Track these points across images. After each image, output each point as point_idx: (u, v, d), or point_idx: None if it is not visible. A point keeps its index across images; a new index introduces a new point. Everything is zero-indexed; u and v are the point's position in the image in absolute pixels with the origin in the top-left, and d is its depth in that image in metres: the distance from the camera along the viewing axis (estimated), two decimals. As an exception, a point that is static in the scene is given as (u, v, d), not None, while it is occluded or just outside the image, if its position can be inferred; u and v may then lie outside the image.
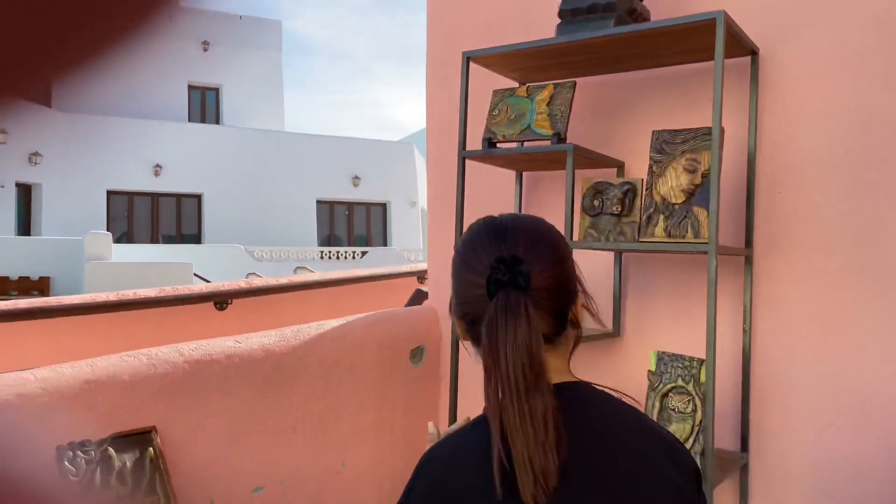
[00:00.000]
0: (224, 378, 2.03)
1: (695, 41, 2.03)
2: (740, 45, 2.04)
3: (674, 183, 1.98)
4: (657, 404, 1.99)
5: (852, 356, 1.99)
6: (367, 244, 20.79)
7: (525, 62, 2.29)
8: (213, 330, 3.51)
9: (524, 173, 2.58)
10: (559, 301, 0.90)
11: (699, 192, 1.94)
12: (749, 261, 2.14)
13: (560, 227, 2.42)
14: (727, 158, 2.13)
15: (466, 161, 2.35)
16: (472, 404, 2.58)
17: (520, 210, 2.55)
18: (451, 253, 2.19)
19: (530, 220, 0.96)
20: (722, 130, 1.88)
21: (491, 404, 0.84)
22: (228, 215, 17.80)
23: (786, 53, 2.10)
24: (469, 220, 2.49)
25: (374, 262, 15.78)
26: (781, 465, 2.09)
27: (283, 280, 4.53)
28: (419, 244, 21.55)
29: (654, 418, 1.97)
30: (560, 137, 2.10)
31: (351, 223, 21.30)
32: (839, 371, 2.01)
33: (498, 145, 2.26)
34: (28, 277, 12.49)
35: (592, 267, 2.41)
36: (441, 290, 2.81)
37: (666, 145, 2.03)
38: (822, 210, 2.04)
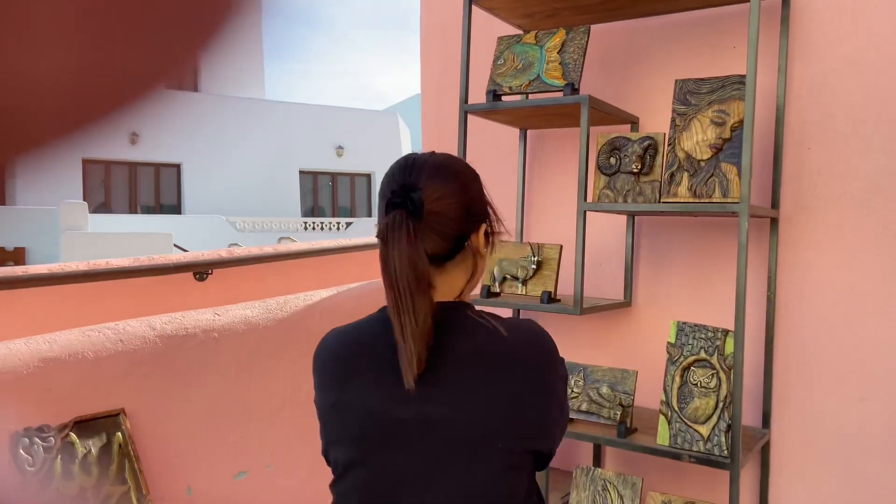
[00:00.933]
0: (202, 354, 1.83)
1: (722, -20, 1.83)
2: (771, -14, 1.84)
3: (700, 137, 1.79)
4: (677, 379, 1.83)
5: (885, 325, 1.83)
6: (352, 215, 20.50)
7: (534, 5, 2.08)
8: (194, 302, 3.31)
9: (529, 132, 2.38)
10: (451, 226, 1.00)
11: (728, 147, 1.76)
12: (775, 223, 1.97)
13: (572, 187, 2.24)
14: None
15: (468, 118, 2.14)
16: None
17: (524, 172, 2.36)
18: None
19: (440, 157, 1.05)
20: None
21: (388, 301, 0.97)
22: (209, 185, 17.40)
23: (819, -5, 1.90)
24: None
25: (358, 232, 15.55)
26: (806, 442, 1.95)
27: (268, 249, 4.31)
28: (404, 215, 21.18)
29: (674, 394, 1.82)
30: (573, 88, 1.90)
31: (335, 194, 20.98)
32: (870, 341, 1.86)
33: (503, 98, 2.06)
34: (3, 248, 12.13)
35: (601, 231, 2.24)
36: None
37: (691, 96, 1.83)
38: (856, 167, 1.87)
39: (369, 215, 20.89)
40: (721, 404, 1.77)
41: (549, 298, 1.95)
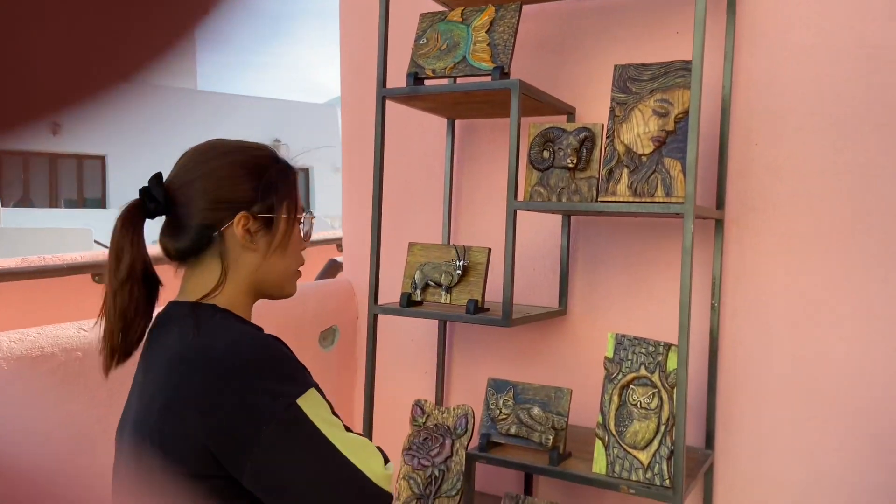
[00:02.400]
0: (63, 377, 1.54)
1: (665, -44, 1.65)
2: (718, -35, 1.67)
3: (641, 129, 1.60)
4: (615, 398, 1.64)
5: (838, 335, 1.69)
6: (291, 211, 19.98)
7: (459, -21, 1.86)
8: (91, 308, 2.97)
9: (458, 122, 2.16)
10: (186, 217, 0.95)
11: (671, 141, 1.57)
12: (720, 225, 1.81)
13: (501, 183, 2.02)
14: (698, 103, 1.77)
15: (387, 105, 1.91)
16: (393, 391, 2.17)
17: (451, 167, 2.13)
18: (369, 218, 1.70)
19: (206, 144, 1.01)
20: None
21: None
22: (136, 178, 16.62)
23: (769, -23, 1.74)
24: (390, 178, 2.04)
25: (295, 229, 15.03)
26: (752, 464, 1.80)
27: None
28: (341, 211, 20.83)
29: (611, 417, 1.63)
30: (503, 72, 1.68)
31: (272, 189, 20.45)
32: (822, 353, 1.71)
33: (426, 82, 1.83)
34: None
35: (534, 233, 2.04)
36: (358, 261, 2.37)
37: (631, 83, 1.64)
38: (807, 165, 1.72)
39: (309, 210, 20.39)
40: (663, 427, 1.59)
41: (476, 308, 1.73)
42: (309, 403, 0.88)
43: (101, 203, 16.81)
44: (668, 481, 1.54)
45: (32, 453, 1.51)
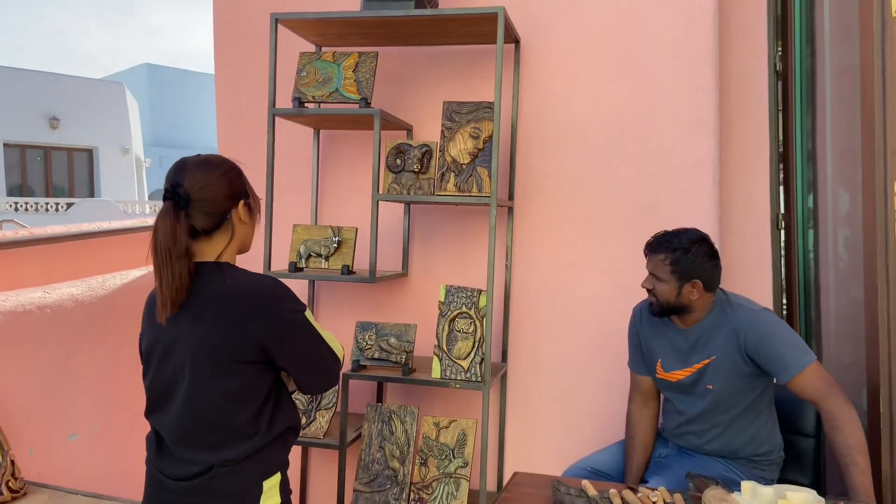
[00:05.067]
0: (38, 329, 1.98)
1: (475, 27, 2.45)
2: (508, 34, 2.51)
3: (462, 147, 2.40)
4: (446, 328, 2.43)
5: (585, 284, 2.63)
6: (70, 195, 18.51)
7: (330, 29, 2.51)
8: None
9: (322, 132, 2.81)
10: (215, 207, 1.40)
11: (481, 155, 2.39)
12: (511, 211, 2.67)
13: (359, 178, 2.72)
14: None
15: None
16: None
17: (318, 166, 2.78)
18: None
19: (202, 157, 1.45)
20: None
21: (153, 263, 1.36)
22: None
23: (540, 43, 2.63)
24: (280, 175, 2.64)
25: (84, 215, 14.03)
26: (531, 370, 2.69)
27: (23, 233, 4.11)
28: (134, 195, 19.72)
29: (443, 339, 2.41)
30: (367, 102, 2.39)
31: (48, 171, 18.72)
32: (574, 295, 2.64)
33: (306, 105, 2.47)
34: None
35: (384, 217, 2.77)
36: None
37: (454, 114, 2.44)
38: (564, 171, 2.63)
39: (92, 195, 18.98)
40: (476, 344, 2.41)
41: (348, 271, 2.43)
42: (309, 315, 1.48)
43: None
44: (480, 378, 2.36)
45: (16, 386, 1.93)
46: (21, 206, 15.30)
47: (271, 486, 1.40)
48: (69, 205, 16.05)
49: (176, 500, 1.38)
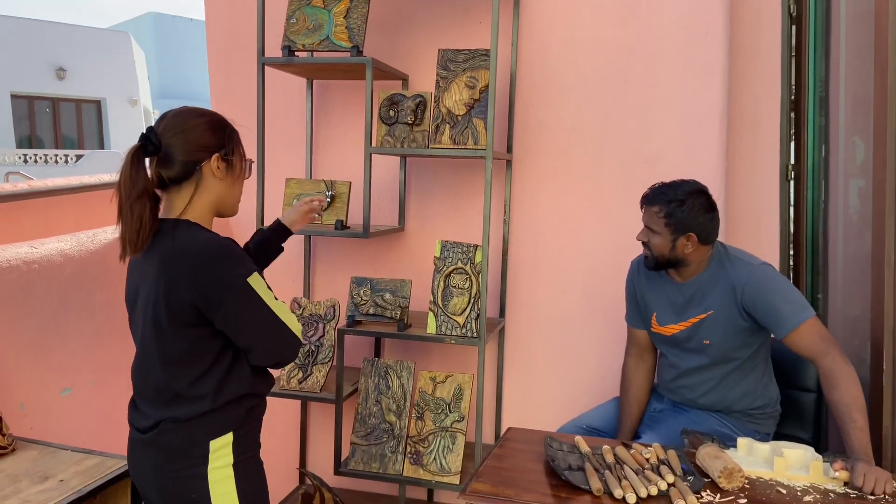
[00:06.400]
0: (25, 284, 1.96)
1: (472, -29, 2.33)
2: (507, -21, 2.39)
3: (457, 97, 2.32)
4: (441, 284, 2.40)
5: (583, 239, 2.57)
6: (79, 147, 18.46)
7: (319, -27, 2.41)
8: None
9: (315, 82, 2.72)
10: (179, 155, 1.38)
11: (477, 106, 2.31)
12: (509, 164, 2.59)
13: (354, 131, 2.65)
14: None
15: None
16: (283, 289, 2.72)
17: (311, 117, 2.71)
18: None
19: (182, 109, 1.43)
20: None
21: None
22: None
23: (540, -11, 2.51)
24: (273, 128, 2.58)
25: (92, 167, 14.02)
26: (529, 324, 2.66)
27: (21, 186, 4.07)
28: (144, 147, 19.52)
29: (439, 295, 2.38)
30: (358, 50, 2.30)
31: (57, 122, 18.64)
32: (572, 250, 2.59)
33: (296, 54, 2.38)
34: None
35: (378, 170, 2.70)
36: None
37: (450, 63, 2.34)
38: (564, 122, 2.55)
39: (102, 146, 18.93)
40: (472, 300, 2.38)
41: (342, 226, 2.38)
42: (254, 281, 1.42)
43: None
44: (475, 334, 2.33)
45: (5, 342, 1.92)
46: (31, 158, 15.30)
47: (220, 445, 1.38)
48: (79, 157, 16.03)
49: (136, 449, 1.43)
